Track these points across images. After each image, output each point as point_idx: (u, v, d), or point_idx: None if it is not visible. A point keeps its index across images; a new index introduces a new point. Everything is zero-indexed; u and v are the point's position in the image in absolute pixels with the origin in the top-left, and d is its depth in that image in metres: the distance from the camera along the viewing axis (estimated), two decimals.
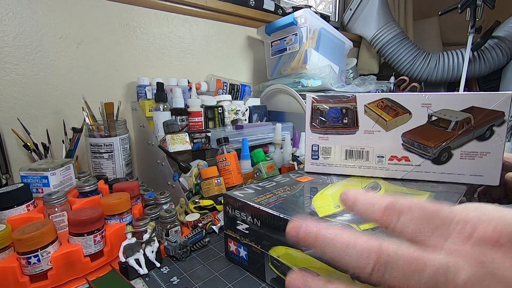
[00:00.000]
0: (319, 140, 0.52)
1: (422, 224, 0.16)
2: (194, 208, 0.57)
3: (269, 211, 0.36)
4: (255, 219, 0.39)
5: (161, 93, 0.69)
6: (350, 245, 0.16)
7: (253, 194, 0.42)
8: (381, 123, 0.46)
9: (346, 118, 0.49)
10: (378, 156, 0.47)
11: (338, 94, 0.51)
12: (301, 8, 1.10)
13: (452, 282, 0.14)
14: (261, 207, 0.38)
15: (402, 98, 0.45)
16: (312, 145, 0.52)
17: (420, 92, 1.04)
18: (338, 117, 0.49)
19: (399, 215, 0.17)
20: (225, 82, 0.95)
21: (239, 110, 0.85)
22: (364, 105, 0.47)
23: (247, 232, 0.40)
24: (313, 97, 0.51)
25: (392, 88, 1.44)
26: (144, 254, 0.42)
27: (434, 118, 0.44)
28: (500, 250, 0.14)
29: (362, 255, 0.16)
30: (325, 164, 0.52)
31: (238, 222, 0.41)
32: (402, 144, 0.46)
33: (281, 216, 0.35)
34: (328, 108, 0.50)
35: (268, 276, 0.39)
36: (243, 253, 0.42)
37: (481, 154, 0.42)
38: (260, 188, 0.44)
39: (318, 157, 0.52)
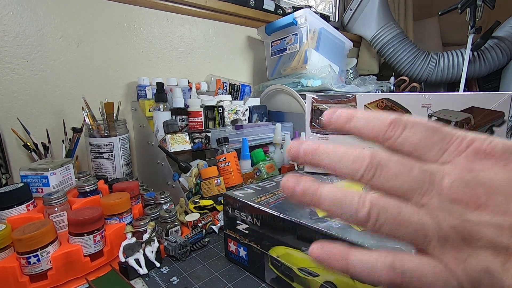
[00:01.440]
0: (319, 140, 0.52)
1: (424, 139, 0.17)
2: (194, 208, 0.57)
3: (269, 211, 0.37)
4: (255, 219, 0.39)
5: (161, 93, 0.69)
6: (346, 154, 0.17)
7: (253, 194, 0.42)
8: None
9: None
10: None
11: (338, 94, 0.51)
12: (301, 8, 1.10)
13: (439, 183, 0.15)
14: (261, 207, 0.38)
15: (402, 98, 0.45)
16: None
17: (420, 92, 1.04)
18: None
19: (403, 129, 0.17)
20: (225, 82, 0.95)
21: (239, 110, 0.85)
22: (364, 105, 0.47)
23: (247, 232, 0.40)
24: (313, 97, 0.51)
25: (392, 88, 1.44)
26: (144, 254, 0.42)
27: (434, 118, 0.44)
28: (490, 160, 0.15)
29: (356, 160, 0.17)
30: None
31: (238, 222, 0.41)
32: None
33: (281, 216, 0.35)
34: (328, 108, 0.50)
35: (268, 276, 0.39)
36: (243, 253, 0.42)
37: None
38: (260, 188, 0.44)
39: None
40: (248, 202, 0.39)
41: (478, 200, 0.15)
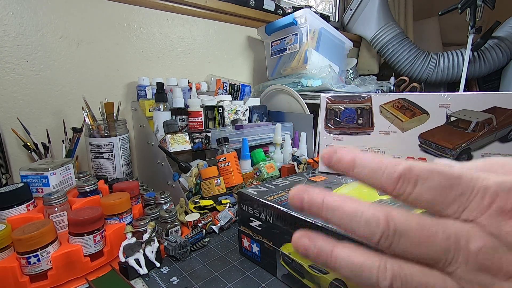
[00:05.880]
0: (334, 140, 0.51)
1: (439, 195, 0.15)
2: (194, 208, 0.57)
3: (281, 209, 0.37)
4: (267, 216, 0.39)
5: (161, 93, 0.69)
6: (358, 214, 0.15)
7: (266, 192, 0.43)
8: (397, 124, 0.46)
9: (361, 118, 0.49)
10: (394, 157, 0.47)
11: (353, 94, 0.50)
12: (301, 8, 1.10)
13: (465, 249, 0.14)
14: (274, 205, 0.38)
15: (419, 98, 0.45)
16: (327, 145, 0.52)
17: (437, 92, 1.03)
18: (353, 118, 0.49)
19: (415, 184, 0.15)
20: (225, 82, 0.95)
21: (239, 110, 0.85)
22: (380, 105, 0.47)
23: (259, 228, 0.41)
24: (327, 98, 0.51)
25: (392, 88, 1.44)
26: (144, 254, 0.42)
27: (453, 118, 0.43)
28: None
29: (370, 223, 0.15)
30: None
31: (251, 218, 0.42)
32: (419, 145, 0.45)
33: (292, 213, 0.36)
34: (342, 108, 0.50)
35: (280, 272, 0.39)
36: (255, 249, 0.42)
37: (504, 156, 0.41)
38: (274, 187, 0.45)
39: None
40: (261, 200, 0.40)
41: (509, 269, 0.13)
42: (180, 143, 0.64)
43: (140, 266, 0.41)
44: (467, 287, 0.14)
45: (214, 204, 0.59)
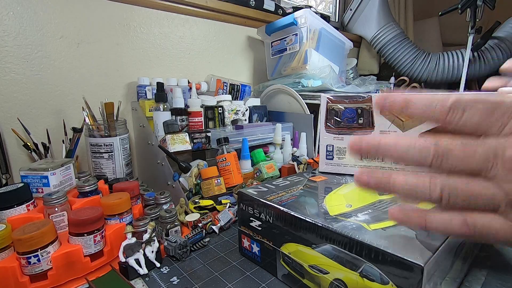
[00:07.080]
0: (334, 140, 0.52)
1: (484, 119, 0.18)
2: (194, 208, 0.57)
3: (281, 209, 0.37)
4: (267, 216, 0.39)
5: (161, 93, 0.69)
6: (411, 146, 0.19)
7: (266, 192, 0.43)
8: (398, 124, 0.46)
9: (362, 118, 0.49)
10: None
11: (353, 94, 0.51)
12: (301, 8, 1.10)
13: (502, 156, 0.17)
14: (274, 205, 0.38)
15: None
16: (327, 145, 0.52)
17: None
18: (353, 118, 0.49)
19: (463, 113, 0.18)
20: (225, 82, 0.95)
21: (239, 110, 0.85)
22: None
23: (259, 228, 0.41)
24: (328, 98, 0.51)
25: (392, 88, 1.44)
26: (144, 254, 0.42)
27: None
28: None
29: (422, 151, 0.19)
30: (340, 165, 0.52)
31: (251, 218, 0.42)
32: None
33: (292, 213, 0.36)
34: (343, 108, 0.50)
35: (280, 272, 0.39)
36: (256, 249, 0.42)
37: None
38: (274, 187, 0.45)
39: (333, 157, 0.52)
40: (262, 200, 0.40)
41: None
42: (180, 143, 0.64)
43: (140, 266, 0.41)
44: (507, 186, 0.17)
45: (214, 204, 0.59)
